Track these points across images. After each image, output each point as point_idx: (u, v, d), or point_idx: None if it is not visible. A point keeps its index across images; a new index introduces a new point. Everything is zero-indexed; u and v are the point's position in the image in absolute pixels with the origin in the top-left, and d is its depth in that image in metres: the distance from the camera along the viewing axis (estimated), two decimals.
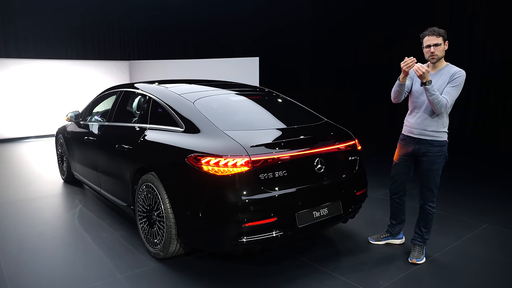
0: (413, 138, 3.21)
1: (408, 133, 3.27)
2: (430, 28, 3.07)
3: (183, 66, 11.32)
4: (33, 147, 9.38)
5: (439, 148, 3.14)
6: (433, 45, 3.03)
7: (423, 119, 3.14)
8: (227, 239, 2.77)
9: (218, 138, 2.94)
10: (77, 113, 5.35)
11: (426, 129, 3.13)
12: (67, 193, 5.39)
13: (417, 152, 3.21)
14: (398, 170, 3.40)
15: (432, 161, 3.14)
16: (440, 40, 3.04)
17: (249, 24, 12.50)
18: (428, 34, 3.07)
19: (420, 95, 3.15)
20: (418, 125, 3.17)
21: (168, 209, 3.07)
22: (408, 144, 3.26)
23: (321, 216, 3.05)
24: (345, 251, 3.53)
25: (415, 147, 3.21)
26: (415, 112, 3.21)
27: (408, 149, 3.26)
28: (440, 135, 3.13)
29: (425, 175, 3.21)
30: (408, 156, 3.29)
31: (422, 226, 3.34)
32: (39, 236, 3.90)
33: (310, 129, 3.44)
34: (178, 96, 3.55)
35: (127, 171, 3.67)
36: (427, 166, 3.17)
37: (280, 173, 2.85)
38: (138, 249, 3.55)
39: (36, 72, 10.67)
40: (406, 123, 3.32)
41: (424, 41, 3.11)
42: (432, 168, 3.16)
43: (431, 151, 3.13)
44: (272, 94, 4.14)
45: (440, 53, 3.07)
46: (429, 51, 3.08)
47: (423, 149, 3.15)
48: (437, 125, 3.12)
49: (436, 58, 3.07)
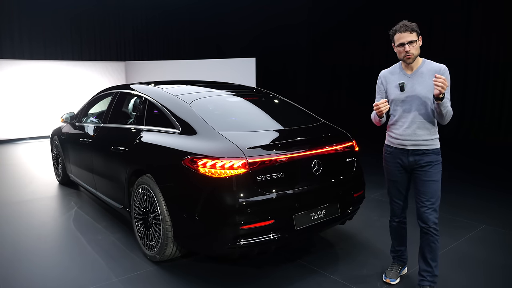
0: (405, 150, 2.77)
1: (397, 145, 2.80)
2: (401, 23, 2.64)
3: (179, 67, 11.30)
4: (28, 149, 9.32)
5: (435, 156, 2.72)
6: (408, 43, 2.60)
7: (414, 129, 2.70)
8: (224, 242, 2.74)
9: (214, 140, 2.92)
10: (72, 114, 5.32)
11: (420, 139, 2.71)
12: (63, 195, 5.34)
13: (412, 164, 2.76)
14: (395, 189, 2.92)
15: (431, 172, 2.71)
16: (414, 36, 2.61)
17: (245, 25, 12.49)
18: (399, 31, 2.63)
19: (403, 103, 2.73)
20: (409, 136, 2.72)
21: (165, 212, 3.03)
22: (398, 156, 2.81)
23: (319, 218, 3.03)
24: (343, 253, 3.51)
25: (408, 159, 2.76)
26: (401, 122, 2.76)
27: (400, 162, 2.81)
28: (434, 142, 2.74)
29: (425, 190, 2.73)
30: (402, 170, 2.83)
31: (430, 259, 2.74)
32: (34, 239, 3.86)
33: (308, 131, 3.42)
34: (174, 97, 3.52)
35: (123, 173, 3.63)
36: (426, 178, 2.72)
37: (278, 175, 2.83)
38: (134, 252, 3.51)
39: (31, 73, 10.62)
40: (391, 134, 2.85)
41: (395, 39, 2.67)
42: (433, 180, 2.71)
43: (428, 161, 2.71)
44: (269, 95, 4.12)
45: (416, 51, 2.65)
46: (403, 50, 2.64)
47: (419, 160, 2.72)
48: (429, 133, 2.71)
49: (412, 57, 2.64)
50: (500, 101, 8.34)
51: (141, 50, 13.13)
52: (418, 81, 2.68)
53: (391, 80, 2.81)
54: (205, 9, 12.85)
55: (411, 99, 2.68)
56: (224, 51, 12.83)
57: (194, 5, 12.78)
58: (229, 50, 12.83)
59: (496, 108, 8.40)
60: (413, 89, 2.68)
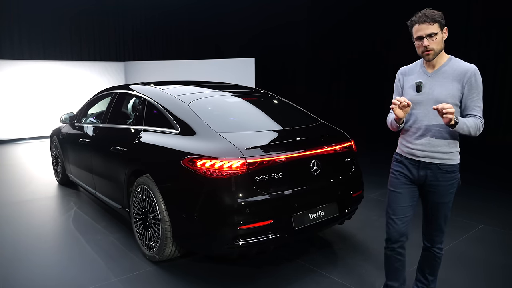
0: (416, 161, 2.37)
1: (408, 155, 2.41)
2: (420, 13, 2.24)
3: (178, 67, 11.31)
4: (28, 149, 9.32)
5: (451, 175, 2.32)
6: (427, 36, 2.21)
7: (429, 137, 2.31)
8: (223, 242, 2.75)
9: (213, 140, 2.92)
10: (71, 115, 5.32)
11: (435, 150, 2.30)
12: (62, 195, 5.35)
13: (422, 180, 2.38)
14: (395, 203, 2.46)
15: (442, 192, 2.34)
16: (435, 28, 2.20)
17: (244, 25, 12.50)
18: (418, 22, 2.23)
19: (419, 106, 2.34)
20: (423, 146, 2.33)
21: (164, 212, 3.04)
22: (408, 168, 2.42)
23: (318, 218, 3.04)
24: (341, 252, 3.52)
25: (419, 173, 2.37)
26: (414, 129, 2.37)
27: (409, 175, 2.42)
28: (452, 156, 2.32)
29: (433, 211, 2.42)
30: (409, 182, 2.44)
31: (428, 274, 2.57)
32: (33, 239, 3.86)
33: (306, 131, 3.43)
34: (173, 97, 3.53)
35: (122, 173, 3.64)
36: (435, 199, 2.37)
37: (276, 175, 2.84)
38: (133, 252, 3.52)
39: (30, 73, 10.62)
40: (403, 141, 2.46)
41: (413, 31, 2.28)
42: (443, 202, 2.36)
43: (442, 178, 2.32)
44: (267, 96, 4.13)
45: (437, 46, 2.23)
46: (421, 44, 2.24)
47: (431, 176, 2.34)
48: (448, 144, 2.30)
49: (432, 53, 2.24)
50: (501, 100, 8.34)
51: (141, 50, 13.14)
52: (438, 82, 2.29)
53: (408, 79, 2.43)
54: (204, 9, 12.86)
55: (427, 102, 2.28)
56: (223, 51, 12.85)
57: (193, 5, 12.79)
58: (228, 50, 12.84)
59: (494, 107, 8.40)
60: (431, 90, 2.29)
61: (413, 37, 2.29)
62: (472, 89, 2.23)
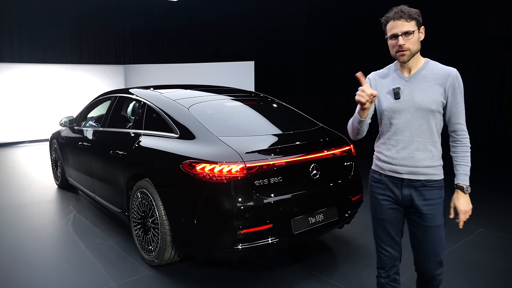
0: (398, 179, 2.09)
1: (388, 172, 2.12)
2: (396, 8, 2.01)
3: (178, 70, 11.33)
4: (27, 152, 9.32)
5: (438, 192, 2.08)
6: (402, 34, 1.96)
7: (412, 150, 2.04)
8: (223, 246, 2.75)
9: (213, 145, 2.93)
10: (71, 118, 5.33)
11: (419, 165, 2.03)
12: (61, 199, 5.34)
13: (408, 201, 2.09)
14: (382, 231, 2.20)
15: (433, 215, 2.06)
16: (411, 26, 1.97)
17: (244, 29, 12.52)
18: (393, 18, 1.99)
19: (398, 114, 2.05)
20: (405, 160, 2.05)
21: (163, 216, 3.04)
22: (389, 187, 2.12)
23: (317, 222, 3.03)
24: (341, 257, 3.52)
25: (403, 192, 2.08)
26: (394, 141, 2.09)
27: (391, 196, 2.13)
28: (437, 171, 2.08)
29: (426, 239, 2.09)
30: (394, 205, 2.14)
31: None
32: (32, 243, 3.86)
33: (306, 135, 3.44)
34: (172, 101, 3.53)
35: (121, 177, 3.64)
36: (426, 223, 2.07)
37: (275, 180, 2.84)
38: (133, 256, 3.52)
39: (30, 76, 10.63)
40: (380, 156, 2.16)
41: (387, 28, 2.03)
42: (436, 225, 2.07)
43: (429, 197, 2.05)
44: (267, 99, 4.13)
45: (413, 46, 1.99)
46: (396, 43, 2.00)
47: (416, 196, 2.06)
48: (433, 157, 2.05)
49: (407, 54, 1.99)
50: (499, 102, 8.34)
51: (140, 53, 13.16)
52: (418, 87, 2.03)
53: (382, 84, 2.14)
54: (204, 12, 12.89)
55: (408, 110, 2.02)
56: (223, 54, 12.87)
57: (193, 9, 12.83)
58: (228, 53, 12.86)
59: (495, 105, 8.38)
60: (412, 96, 2.03)
61: (387, 35, 2.05)
62: (456, 94, 2.02)
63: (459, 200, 2.06)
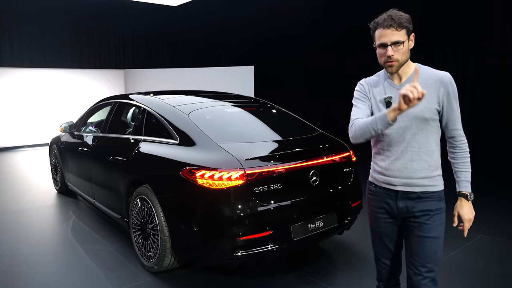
0: (393, 191, 2.01)
1: (383, 184, 2.04)
2: (386, 15, 1.88)
3: (178, 75, 11.34)
4: (27, 156, 9.32)
5: (436, 203, 1.97)
6: (391, 45, 1.86)
7: (406, 161, 1.95)
8: (222, 253, 2.75)
9: (213, 151, 2.93)
10: (71, 123, 5.34)
11: (414, 176, 1.95)
12: (61, 204, 5.34)
13: (402, 212, 2.00)
14: (380, 244, 2.14)
15: (428, 225, 1.95)
16: (401, 35, 1.85)
17: (244, 34, 12.56)
18: (382, 25, 1.87)
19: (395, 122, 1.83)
20: (399, 171, 1.96)
21: (163, 222, 3.04)
22: (384, 200, 2.05)
23: (317, 228, 3.04)
24: (341, 263, 3.51)
25: (398, 204, 2.00)
26: (388, 151, 2.00)
27: (386, 208, 2.05)
28: (434, 182, 1.97)
29: (419, 250, 1.97)
30: (390, 218, 2.07)
31: None
32: (32, 248, 3.85)
33: (305, 141, 3.45)
34: (172, 108, 3.54)
35: (121, 183, 3.64)
36: (421, 233, 1.96)
37: (275, 186, 2.84)
38: (132, 262, 3.51)
39: (30, 81, 10.65)
40: (375, 167, 2.09)
41: (376, 36, 1.92)
42: (431, 237, 1.95)
43: (425, 209, 1.96)
44: (267, 105, 4.15)
45: (402, 56, 1.89)
46: (384, 53, 1.90)
47: (412, 207, 1.97)
48: (428, 167, 1.95)
49: (396, 65, 1.90)
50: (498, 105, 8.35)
51: (140, 58, 13.20)
52: None
53: (374, 93, 2.05)
54: (204, 17, 12.93)
55: (401, 119, 1.90)
56: (223, 59, 12.90)
57: (193, 14, 12.87)
58: (227, 58, 12.90)
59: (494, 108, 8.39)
60: None
61: (375, 43, 1.93)
62: (451, 99, 1.92)
63: (463, 208, 2.01)
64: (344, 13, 10.44)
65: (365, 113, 2.02)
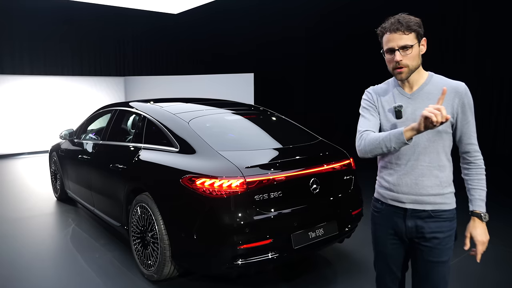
0: (401, 209, 1.86)
1: (390, 201, 1.89)
2: (393, 18, 1.77)
3: (178, 82, 11.38)
4: (27, 164, 9.30)
5: (448, 223, 1.83)
6: (399, 49, 1.75)
7: (416, 176, 1.81)
8: (222, 262, 2.74)
9: (213, 159, 2.93)
10: (71, 131, 5.34)
11: (424, 193, 1.80)
12: (60, 212, 5.32)
13: (412, 233, 1.86)
14: (383, 264, 1.99)
15: (439, 249, 1.82)
16: (410, 39, 1.74)
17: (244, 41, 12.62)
18: (389, 29, 1.76)
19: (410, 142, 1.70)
20: (409, 187, 1.83)
21: (163, 230, 3.03)
22: (391, 218, 1.90)
23: (317, 236, 3.02)
24: (342, 271, 3.49)
25: (407, 224, 1.85)
26: (397, 165, 1.86)
27: (394, 228, 1.91)
28: (446, 199, 1.83)
29: (427, 275, 1.87)
30: (396, 239, 1.92)
31: None
32: (31, 256, 3.83)
33: (305, 149, 3.44)
34: (173, 115, 3.54)
35: (121, 190, 3.63)
36: (431, 257, 1.84)
37: (275, 194, 2.84)
38: (132, 270, 3.49)
39: (31, 88, 10.67)
40: (382, 182, 1.95)
41: (383, 41, 1.81)
42: (441, 261, 1.84)
43: (437, 230, 1.81)
44: (267, 113, 4.15)
45: (413, 62, 1.77)
46: (392, 59, 1.77)
47: (422, 227, 1.82)
48: (440, 184, 1.81)
49: (405, 71, 1.77)
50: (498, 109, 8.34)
51: (140, 65, 13.24)
52: (422, 105, 1.77)
53: (382, 102, 1.91)
54: (205, 25, 13.00)
55: None
56: (223, 66, 12.94)
57: (193, 21, 12.94)
58: (227, 65, 12.94)
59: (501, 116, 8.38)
60: (415, 116, 1.77)
61: (383, 48, 1.82)
62: (466, 111, 1.79)
63: (476, 229, 1.83)
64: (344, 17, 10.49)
65: (374, 124, 1.88)
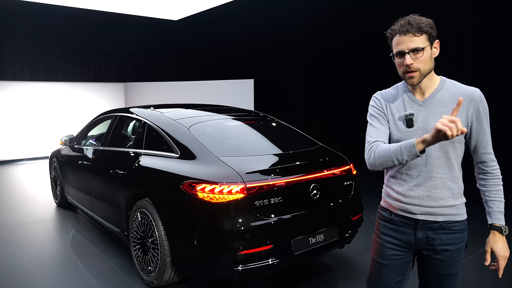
0: (412, 220, 1.76)
1: (400, 212, 1.79)
2: (403, 20, 1.67)
3: (178, 88, 11.41)
4: (27, 170, 9.30)
5: (460, 235, 1.76)
6: (410, 52, 1.64)
7: (429, 188, 1.72)
8: (223, 268, 2.74)
9: (213, 165, 2.94)
10: (71, 137, 5.35)
11: (437, 205, 1.72)
12: (60, 218, 5.31)
13: (422, 244, 1.77)
14: (387, 279, 1.84)
15: (450, 262, 1.75)
16: (422, 41, 1.63)
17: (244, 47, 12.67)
18: (399, 32, 1.66)
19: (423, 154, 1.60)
20: (420, 200, 1.73)
21: (163, 236, 3.03)
22: (401, 230, 1.79)
23: (317, 242, 3.02)
24: (342, 277, 3.49)
25: (417, 235, 1.76)
26: (406, 176, 1.76)
27: (403, 238, 1.79)
28: (459, 210, 1.76)
29: (438, 286, 1.80)
30: (401, 250, 1.81)
31: None
32: (31, 262, 3.83)
33: (305, 154, 3.45)
34: (173, 121, 3.56)
35: (121, 196, 3.63)
36: (441, 269, 1.76)
37: (276, 200, 2.84)
38: (132, 276, 3.48)
39: (31, 94, 10.69)
40: (391, 192, 1.83)
41: (393, 44, 1.71)
42: (451, 273, 1.77)
43: (449, 241, 1.73)
44: (267, 119, 4.16)
45: (424, 66, 1.66)
46: (402, 62, 1.67)
47: (433, 239, 1.74)
48: (453, 195, 1.73)
49: (417, 76, 1.66)
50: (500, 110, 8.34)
51: (141, 71, 13.27)
52: (435, 113, 1.68)
53: (392, 109, 1.79)
54: (204, 31, 13.06)
55: None
56: (223, 72, 12.99)
57: (193, 27, 13.00)
58: (227, 71, 12.98)
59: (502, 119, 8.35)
60: (427, 124, 1.69)
61: (393, 51, 1.71)
62: (481, 119, 1.68)
63: (497, 243, 1.74)
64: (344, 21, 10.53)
65: (384, 134, 1.76)
